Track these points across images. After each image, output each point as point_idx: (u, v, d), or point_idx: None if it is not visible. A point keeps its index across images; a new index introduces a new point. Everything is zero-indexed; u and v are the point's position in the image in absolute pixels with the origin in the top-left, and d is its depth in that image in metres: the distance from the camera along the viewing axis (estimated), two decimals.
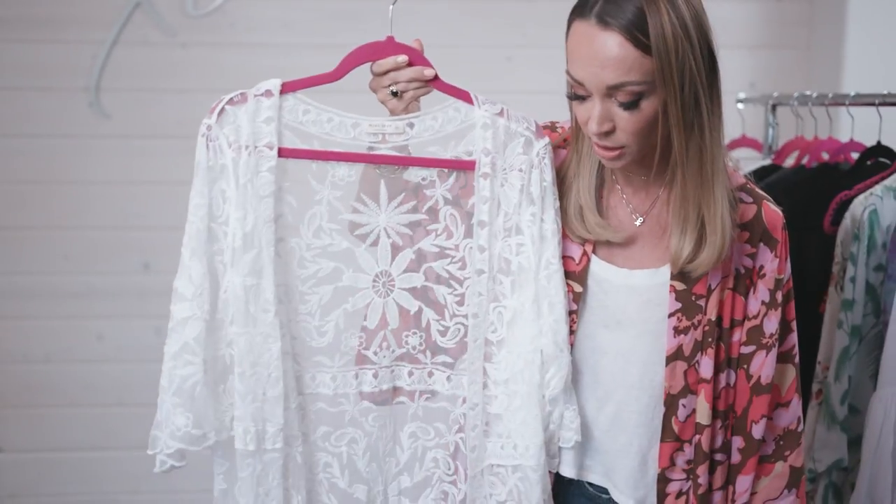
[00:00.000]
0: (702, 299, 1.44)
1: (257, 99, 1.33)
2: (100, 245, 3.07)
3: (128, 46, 3.00)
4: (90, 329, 3.10)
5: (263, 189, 1.32)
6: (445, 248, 1.41)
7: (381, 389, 1.43)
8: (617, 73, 1.30)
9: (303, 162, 1.36)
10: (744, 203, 1.47)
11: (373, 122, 1.37)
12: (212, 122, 1.31)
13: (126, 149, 3.05)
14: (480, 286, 1.40)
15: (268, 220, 1.33)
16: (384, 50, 1.39)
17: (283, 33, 3.05)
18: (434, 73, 1.40)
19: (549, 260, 1.39)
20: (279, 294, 1.37)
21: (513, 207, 1.39)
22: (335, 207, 1.37)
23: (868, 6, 2.93)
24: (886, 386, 1.84)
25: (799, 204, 2.19)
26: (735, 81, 3.17)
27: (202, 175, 1.32)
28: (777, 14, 3.19)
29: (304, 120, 1.35)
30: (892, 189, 1.97)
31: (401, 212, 1.39)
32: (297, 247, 1.37)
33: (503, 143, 1.39)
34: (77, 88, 3.01)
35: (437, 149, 1.39)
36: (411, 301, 1.42)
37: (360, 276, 1.40)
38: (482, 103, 1.39)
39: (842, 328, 1.97)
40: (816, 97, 2.36)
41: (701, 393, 1.45)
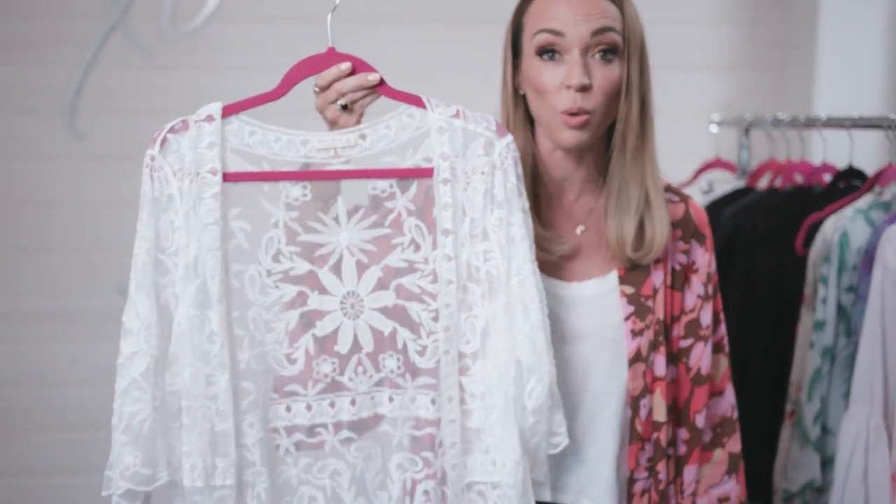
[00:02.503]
0: (650, 300, 1.48)
1: (198, 125, 1.28)
2: (74, 267, 3.05)
3: (104, 68, 3.00)
4: (64, 352, 3.08)
5: (207, 216, 1.27)
6: (414, 262, 1.34)
7: (360, 417, 1.37)
8: (602, 19, 1.38)
9: (254, 185, 1.30)
10: (672, 202, 1.52)
11: (322, 137, 1.31)
12: (155, 152, 1.27)
13: (101, 170, 3.04)
14: (450, 297, 1.33)
15: (212, 249, 1.27)
16: (326, 62, 1.35)
17: (260, 55, 3.05)
18: (379, 78, 1.34)
19: (519, 265, 1.32)
20: (245, 325, 1.32)
21: (478, 212, 1.33)
22: (292, 229, 1.31)
23: (839, 30, 2.97)
24: (858, 405, 1.85)
25: (773, 226, 2.23)
26: (709, 103, 3.20)
27: (148, 207, 1.28)
28: (750, 37, 3.22)
29: (250, 142, 1.30)
30: (862, 211, 1.99)
31: (362, 227, 1.33)
32: (258, 273, 1.31)
33: (462, 145, 1.33)
34: (53, 110, 3.00)
35: (394, 158, 1.33)
36: (384, 321, 1.35)
37: (327, 298, 1.34)
38: (435, 106, 1.33)
39: (814, 349, 1.99)
40: (789, 120, 2.39)
41: (657, 391, 1.49)
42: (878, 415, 1.83)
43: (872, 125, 2.12)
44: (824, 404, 1.99)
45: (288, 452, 1.37)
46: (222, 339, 1.29)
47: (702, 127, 3.04)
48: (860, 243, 1.95)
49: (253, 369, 1.33)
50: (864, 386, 1.84)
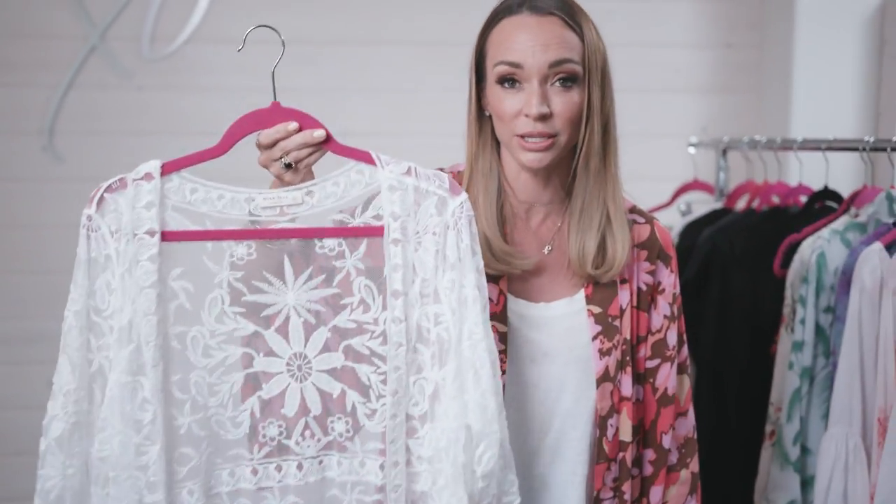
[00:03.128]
0: (617, 320, 1.49)
1: (136, 183, 1.24)
2: (53, 290, 3.02)
3: (83, 89, 2.99)
4: (41, 375, 3.04)
5: (143, 279, 1.23)
6: (363, 323, 1.30)
7: (308, 482, 1.32)
8: (559, 50, 1.40)
9: (197, 244, 1.25)
10: (637, 223, 1.54)
11: (267, 196, 1.27)
12: (91, 211, 1.23)
13: (80, 192, 2.99)
14: (399, 360, 1.29)
15: (147, 314, 1.22)
16: (270, 118, 1.30)
17: (239, 76, 3.03)
18: (325, 134, 1.30)
19: (471, 329, 1.27)
20: (187, 389, 1.27)
21: (429, 273, 1.29)
22: (237, 289, 1.26)
23: (814, 54, 3.00)
24: (837, 426, 1.86)
25: (751, 247, 2.25)
26: (687, 125, 3.22)
27: (83, 269, 1.23)
28: (727, 60, 3.24)
29: (192, 199, 1.25)
30: (838, 233, 2.00)
31: (310, 287, 1.29)
32: (200, 335, 1.26)
33: (414, 204, 1.28)
34: (31, 131, 2.99)
35: (342, 216, 1.29)
36: (332, 383, 1.31)
37: (273, 360, 1.29)
38: (386, 164, 1.29)
39: (793, 369, 1.99)
40: (766, 142, 2.40)
41: (623, 411, 1.50)
42: (857, 435, 1.83)
43: (848, 147, 2.14)
44: (804, 425, 2.00)
45: None
46: (156, 407, 1.24)
47: (680, 149, 3.05)
48: (837, 264, 1.96)
49: (195, 434, 1.28)
50: (843, 406, 1.85)
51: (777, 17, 3.13)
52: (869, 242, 1.86)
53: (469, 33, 1.52)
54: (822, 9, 2.98)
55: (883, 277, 1.79)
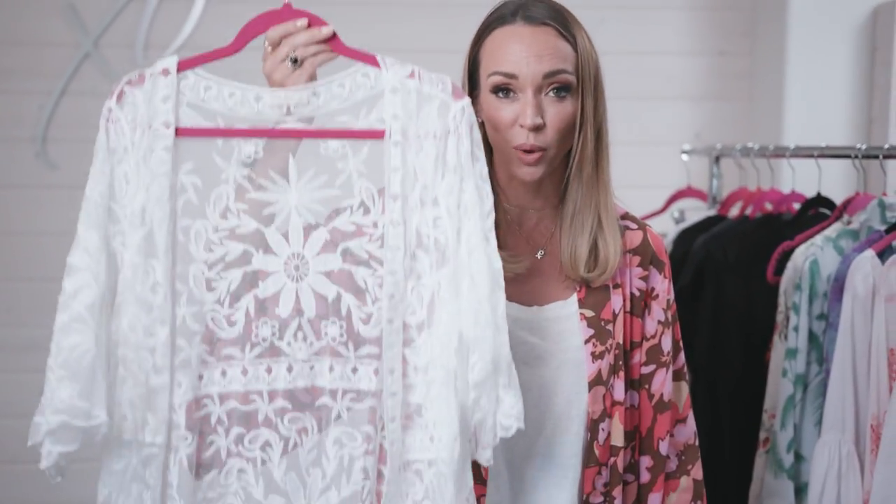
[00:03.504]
0: (609, 324, 1.49)
1: (154, 78, 1.25)
2: (45, 297, 3.01)
3: (76, 97, 2.99)
4: (33, 383, 3.02)
5: (157, 168, 1.23)
6: (363, 226, 1.28)
7: (297, 387, 1.29)
8: (553, 61, 1.40)
9: (208, 140, 1.26)
10: (630, 229, 1.54)
11: (275, 94, 1.27)
12: (112, 104, 1.25)
13: (73, 199, 2.98)
14: (395, 264, 1.26)
15: (161, 199, 1.23)
16: (281, 18, 1.30)
17: None
18: (331, 31, 1.29)
19: (470, 233, 1.25)
20: (185, 280, 1.27)
21: (430, 178, 1.27)
22: (242, 186, 1.27)
23: (806, 61, 3.01)
24: (830, 433, 1.86)
25: (744, 254, 2.25)
26: (679, 133, 3.23)
27: (102, 156, 1.25)
28: (720, 67, 3.26)
29: (205, 97, 1.26)
30: (831, 240, 2.00)
31: (312, 188, 1.27)
32: (204, 229, 1.27)
33: (416, 107, 1.26)
34: (24, 139, 2.99)
35: (347, 118, 1.27)
36: (328, 286, 1.28)
37: (271, 258, 1.28)
38: (390, 66, 1.27)
39: (786, 377, 1.99)
40: (758, 149, 2.41)
41: (615, 415, 1.49)
42: (850, 442, 1.84)
43: (840, 154, 2.15)
44: (797, 432, 2.00)
45: (220, 422, 1.29)
46: (165, 291, 1.24)
47: (673, 156, 3.06)
48: (830, 271, 1.96)
49: (188, 327, 1.27)
50: (836, 413, 1.85)
51: (769, 24, 3.14)
52: (861, 250, 1.86)
53: (462, 41, 1.52)
54: (813, 16, 2.99)
55: (875, 284, 1.79)
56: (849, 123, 3.02)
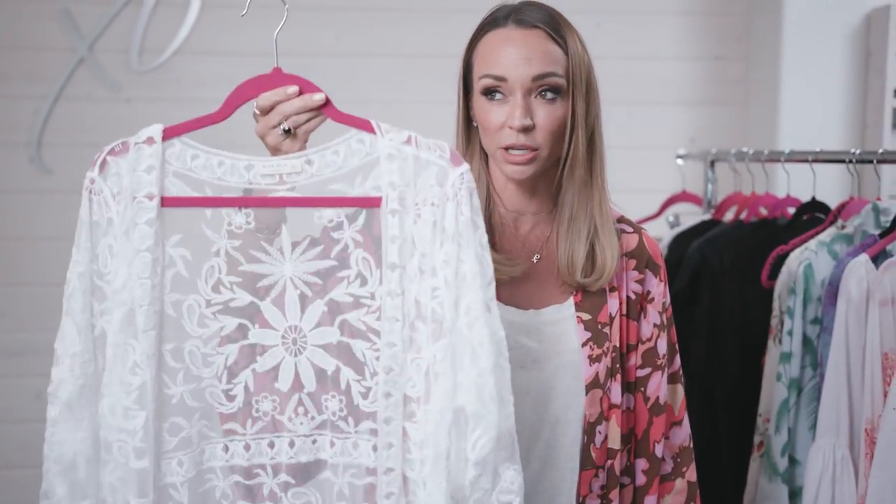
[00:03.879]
0: (606, 327, 1.49)
1: (138, 147, 1.21)
2: (39, 302, 3.02)
3: (71, 101, 2.99)
4: (28, 388, 3.04)
5: (140, 243, 1.20)
6: (360, 297, 1.24)
7: (300, 462, 1.28)
8: (543, 64, 1.41)
9: (196, 211, 1.22)
10: (626, 233, 1.55)
11: (267, 163, 1.23)
12: (94, 174, 1.22)
13: (67, 204, 2.98)
14: (394, 336, 1.23)
15: (142, 277, 1.20)
16: (271, 83, 1.28)
17: (228, 89, 3.00)
18: (324, 98, 1.27)
19: (469, 305, 1.20)
20: (181, 358, 1.25)
21: (428, 247, 1.22)
22: (234, 258, 1.23)
23: (801, 66, 3.02)
24: (824, 437, 1.86)
25: (739, 258, 2.25)
26: (675, 137, 3.24)
27: (84, 231, 1.22)
28: (715, 72, 3.26)
29: (192, 166, 1.22)
30: (825, 244, 2.00)
31: (307, 259, 1.24)
32: (196, 304, 1.24)
33: (413, 174, 1.23)
34: (18, 143, 2.98)
35: (342, 186, 1.24)
36: (327, 359, 1.26)
37: (268, 332, 1.25)
38: (386, 132, 1.24)
39: (780, 381, 1.99)
40: (753, 154, 2.41)
41: (612, 418, 1.49)
42: (844, 446, 1.84)
43: (834, 159, 2.15)
44: (792, 436, 2.00)
45: (224, 496, 1.28)
46: (146, 372, 1.21)
47: (668, 160, 3.06)
48: (824, 276, 1.96)
49: (187, 405, 1.25)
50: (830, 418, 1.85)
51: (764, 29, 3.15)
52: (855, 254, 1.86)
53: (458, 46, 1.53)
54: (808, 21, 3.00)
55: (869, 289, 1.79)
56: (843, 128, 3.02)
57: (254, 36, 3.02)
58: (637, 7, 3.21)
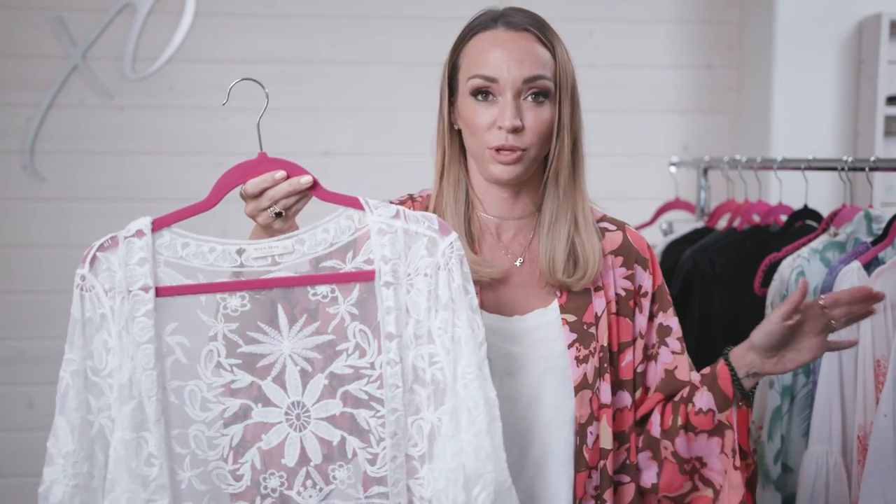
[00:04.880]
0: (592, 327, 1.49)
1: (128, 241, 1.24)
2: (32, 309, 3.01)
3: (64, 109, 2.99)
4: (20, 395, 3.03)
5: (141, 335, 1.23)
6: (360, 368, 1.29)
7: None
8: (533, 67, 1.43)
9: (191, 298, 1.25)
10: (609, 231, 1.54)
11: (258, 246, 1.27)
12: (85, 271, 1.23)
13: (60, 212, 3.01)
14: (396, 402, 1.29)
15: (147, 368, 1.23)
16: (258, 169, 1.30)
17: (221, 96, 3.00)
18: (311, 180, 1.31)
19: (464, 369, 1.27)
20: (186, 444, 1.28)
21: (423, 314, 1.29)
22: (232, 341, 1.27)
23: (793, 74, 3.03)
24: (817, 444, 1.86)
25: (731, 265, 2.25)
26: (668, 145, 3.25)
27: (77, 329, 1.24)
28: (708, 80, 3.27)
29: (184, 254, 1.26)
30: (818, 251, 2.00)
31: (305, 335, 1.28)
32: (198, 389, 1.27)
33: (404, 246, 1.29)
34: (11, 151, 2.98)
35: (334, 262, 1.29)
36: (332, 431, 1.30)
37: (271, 410, 1.29)
38: (374, 207, 1.29)
39: (773, 388, 1.99)
40: (745, 161, 2.41)
41: (603, 418, 1.48)
42: (837, 453, 1.84)
43: (827, 167, 2.15)
44: (785, 443, 1.99)
45: None
46: (161, 461, 1.24)
47: (661, 168, 3.07)
48: (816, 283, 1.96)
49: (195, 489, 1.28)
50: (823, 425, 1.85)
51: (756, 38, 3.16)
52: (847, 261, 1.86)
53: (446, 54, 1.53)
54: (800, 30, 3.01)
55: None
56: (835, 136, 3.03)
57: (247, 44, 3.04)
58: (630, 15, 3.21)
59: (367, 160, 3.08)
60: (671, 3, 3.24)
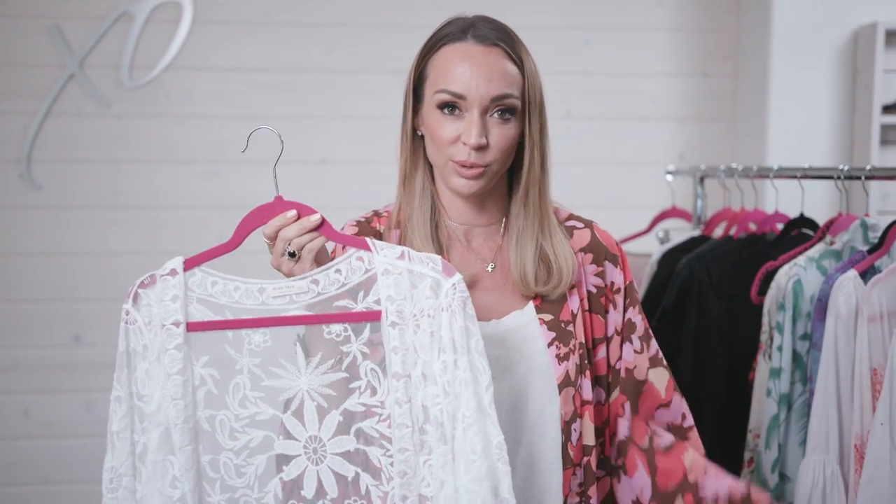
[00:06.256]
0: (570, 325, 1.49)
1: (164, 279, 1.33)
2: (28, 317, 3.00)
3: (61, 117, 2.98)
4: (16, 404, 3.02)
5: (171, 367, 1.32)
6: (371, 406, 1.34)
7: None
8: (502, 85, 1.42)
9: (219, 333, 1.34)
10: (577, 229, 1.55)
11: (277, 285, 1.34)
12: (129, 306, 1.33)
13: (57, 220, 3.00)
14: (405, 441, 1.33)
15: (175, 398, 1.32)
16: (274, 210, 1.38)
17: (217, 105, 3.04)
18: (320, 218, 1.37)
19: (464, 413, 1.29)
20: (217, 468, 1.36)
21: (428, 354, 1.32)
22: (256, 375, 1.34)
23: (789, 83, 3.03)
24: (814, 453, 1.85)
25: (728, 274, 2.25)
26: (664, 153, 3.25)
27: (122, 360, 1.33)
28: (704, 89, 3.27)
29: (213, 292, 1.34)
30: (814, 260, 2.00)
31: (321, 372, 1.34)
32: (227, 419, 1.35)
33: (409, 286, 1.33)
34: (8, 159, 2.97)
35: (346, 302, 1.34)
36: (346, 466, 1.35)
37: (292, 442, 1.35)
38: (381, 249, 1.34)
39: (770, 396, 1.98)
40: (742, 170, 2.41)
41: (585, 415, 1.49)
42: (834, 462, 1.84)
43: (823, 175, 2.15)
44: (782, 452, 1.99)
45: None
46: (185, 485, 1.33)
47: (657, 176, 3.07)
48: (813, 291, 1.96)
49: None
50: (820, 433, 1.85)
51: (752, 46, 3.16)
52: (844, 270, 1.86)
53: None
54: (796, 38, 3.02)
55: (858, 305, 1.80)
56: (831, 144, 3.04)
57: (244, 52, 3.03)
58: (626, 24, 3.21)
59: (364, 168, 3.07)
60: (667, 11, 3.24)
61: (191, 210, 3.03)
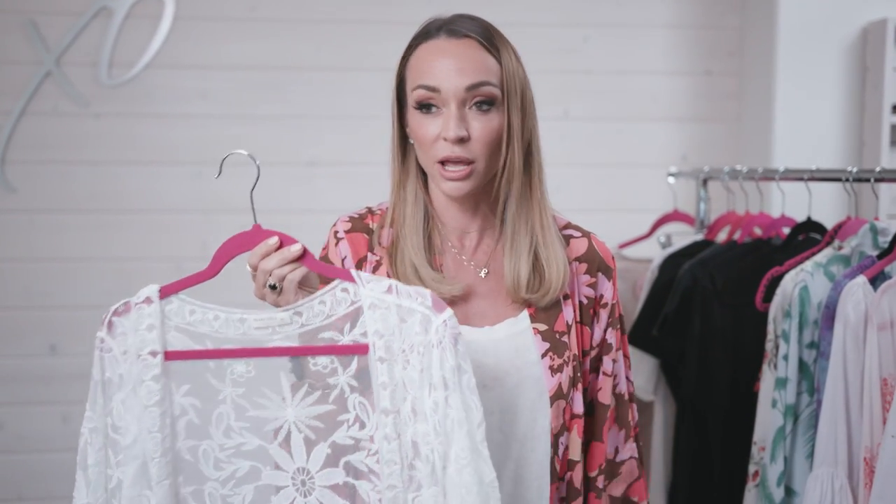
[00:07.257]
0: (565, 336, 1.49)
1: (138, 307, 1.31)
2: (1, 326, 2.97)
3: (36, 117, 2.97)
4: None
5: (147, 398, 1.30)
6: (360, 440, 1.34)
7: None
8: (476, 73, 1.42)
9: (200, 363, 1.33)
10: (574, 238, 1.56)
11: (258, 317, 1.33)
12: (104, 334, 1.31)
13: (32, 224, 3.00)
14: (393, 478, 1.32)
15: (152, 431, 1.30)
16: (253, 239, 1.37)
17: (201, 104, 3.04)
18: (301, 249, 1.36)
19: (458, 453, 1.28)
20: (202, 499, 1.35)
21: (418, 391, 1.32)
22: (240, 405, 1.33)
23: (796, 81, 3.01)
24: (822, 466, 1.83)
25: (732, 280, 2.24)
26: (666, 154, 3.25)
27: (98, 390, 1.31)
28: (707, 87, 3.26)
29: (191, 320, 1.33)
30: (821, 265, 1.98)
31: (308, 404, 1.34)
32: (211, 448, 1.34)
33: (398, 321, 1.32)
34: None
35: (332, 334, 1.33)
36: (335, 499, 1.35)
37: (279, 473, 1.35)
38: (367, 282, 1.33)
39: (776, 407, 1.97)
40: (747, 172, 2.41)
41: (574, 428, 1.50)
42: (843, 476, 1.81)
43: (831, 177, 2.14)
44: (788, 465, 1.97)
45: None
46: None
47: (659, 179, 3.07)
48: (820, 298, 1.94)
49: None
50: (828, 446, 1.82)
51: (757, 43, 3.15)
52: (852, 276, 1.85)
53: None
54: (802, 35, 3.00)
55: (867, 312, 1.78)
56: (840, 145, 3.01)
57: (228, 49, 3.01)
58: (625, 20, 3.21)
59: (354, 170, 3.07)
60: (668, 7, 3.23)
61: (173, 213, 3.01)
